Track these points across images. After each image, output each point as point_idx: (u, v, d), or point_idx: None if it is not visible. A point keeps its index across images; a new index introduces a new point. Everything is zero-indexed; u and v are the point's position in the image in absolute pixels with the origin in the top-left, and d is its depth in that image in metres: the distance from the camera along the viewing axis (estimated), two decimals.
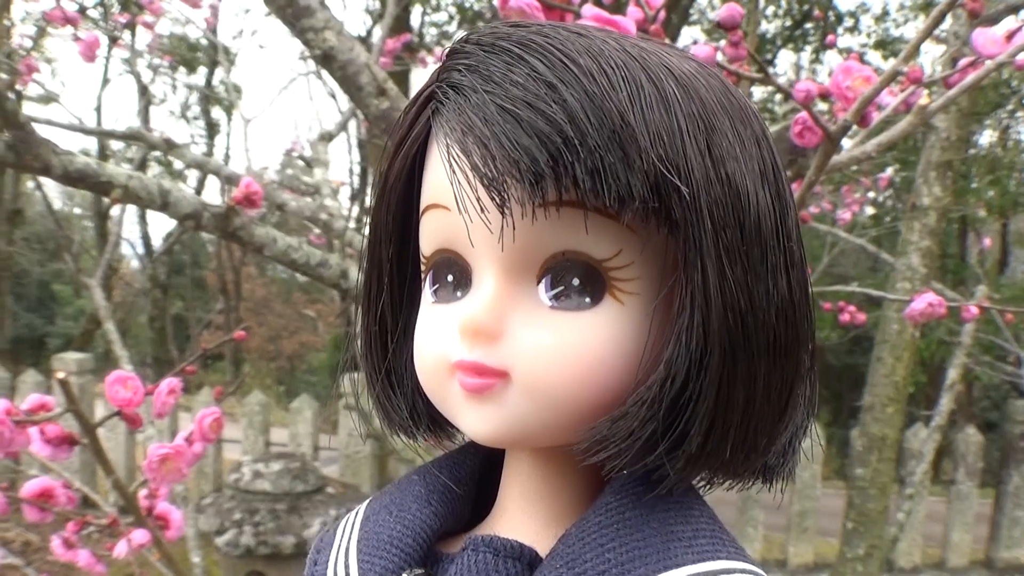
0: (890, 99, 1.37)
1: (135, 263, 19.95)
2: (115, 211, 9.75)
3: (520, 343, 0.52)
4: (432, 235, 0.57)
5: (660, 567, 0.51)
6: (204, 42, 11.81)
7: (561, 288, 0.52)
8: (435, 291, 0.58)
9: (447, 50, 0.56)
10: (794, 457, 0.59)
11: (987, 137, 10.73)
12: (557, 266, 0.52)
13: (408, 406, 0.65)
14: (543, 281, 0.53)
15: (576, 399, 0.52)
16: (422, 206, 0.57)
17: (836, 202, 5.93)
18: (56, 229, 14.05)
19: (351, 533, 0.64)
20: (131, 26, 6.62)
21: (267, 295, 19.56)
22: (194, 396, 6.84)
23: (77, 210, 22.13)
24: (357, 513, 0.66)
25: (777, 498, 0.63)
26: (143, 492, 1.57)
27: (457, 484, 0.64)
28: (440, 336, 0.56)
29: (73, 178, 1.82)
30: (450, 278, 0.57)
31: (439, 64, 0.56)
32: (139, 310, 18.29)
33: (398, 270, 0.62)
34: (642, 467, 0.53)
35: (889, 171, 7.94)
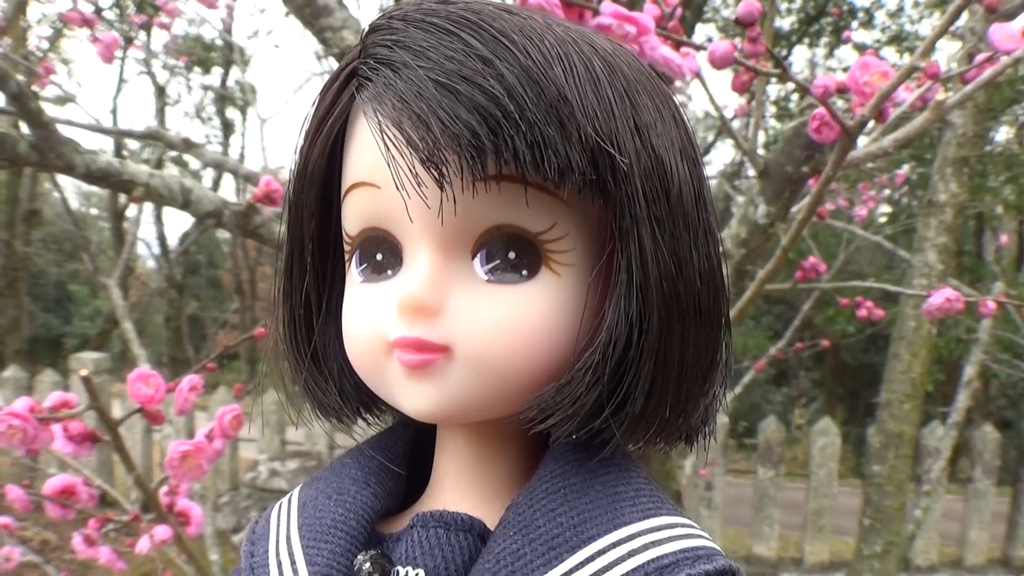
0: (906, 95, 1.36)
1: (151, 263, 20.03)
2: (131, 211, 9.81)
3: (460, 317, 0.52)
4: (358, 214, 0.56)
5: (610, 526, 0.53)
6: (219, 42, 11.85)
7: (497, 262, 0.53)
8: (363, 270, 0.57)
9: (368, 27, 0.55)
10: (713, 420, 0.62)
11: (1003, 134, 10.65)
12: (492, 240, 0.53)
13: (336, 388, 0.64)
14: (478, 255, 0.53)
15: (518, 370, 0.53)
16: (345, 185, 0.57)
17: (852, 199, 5.91)
18: (73, 229, 14.12)
19: (287, 521, 0.62)
20: (147, 27, 6.67)
21: None
22: (210, 395, 6.86)
23: (94, 211, 22.25)
24: (290, 501, 0.65)
25: (794, 496, 0.65)
26: (164, 489, 1.58)
27: (392, 463, 0.64)
28: (374, 315, 0.55)
29: (96, 177, 1.84)
30: (379, 256, 0.56)
31: (360, 41, 0.55)
32: (155, 310, 18.34)
33: (320, 250, 0.62)
34: (587, 432, 0.54)
35: (905, 168, 7.91)
